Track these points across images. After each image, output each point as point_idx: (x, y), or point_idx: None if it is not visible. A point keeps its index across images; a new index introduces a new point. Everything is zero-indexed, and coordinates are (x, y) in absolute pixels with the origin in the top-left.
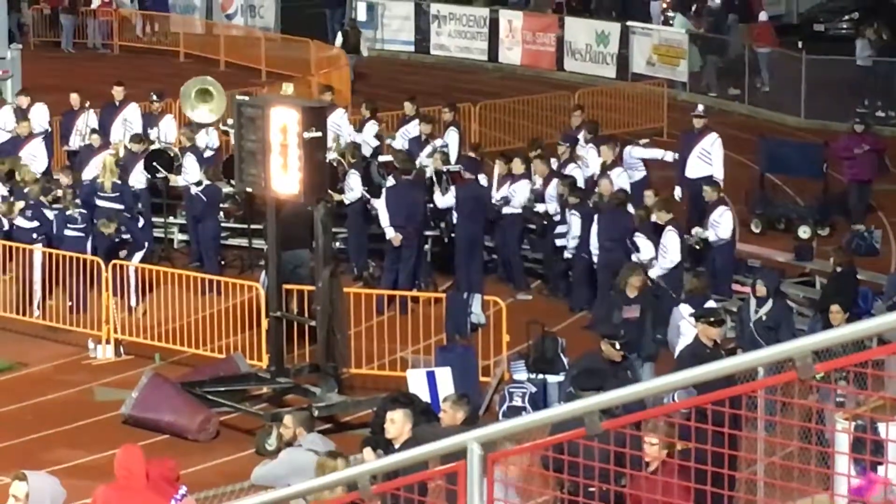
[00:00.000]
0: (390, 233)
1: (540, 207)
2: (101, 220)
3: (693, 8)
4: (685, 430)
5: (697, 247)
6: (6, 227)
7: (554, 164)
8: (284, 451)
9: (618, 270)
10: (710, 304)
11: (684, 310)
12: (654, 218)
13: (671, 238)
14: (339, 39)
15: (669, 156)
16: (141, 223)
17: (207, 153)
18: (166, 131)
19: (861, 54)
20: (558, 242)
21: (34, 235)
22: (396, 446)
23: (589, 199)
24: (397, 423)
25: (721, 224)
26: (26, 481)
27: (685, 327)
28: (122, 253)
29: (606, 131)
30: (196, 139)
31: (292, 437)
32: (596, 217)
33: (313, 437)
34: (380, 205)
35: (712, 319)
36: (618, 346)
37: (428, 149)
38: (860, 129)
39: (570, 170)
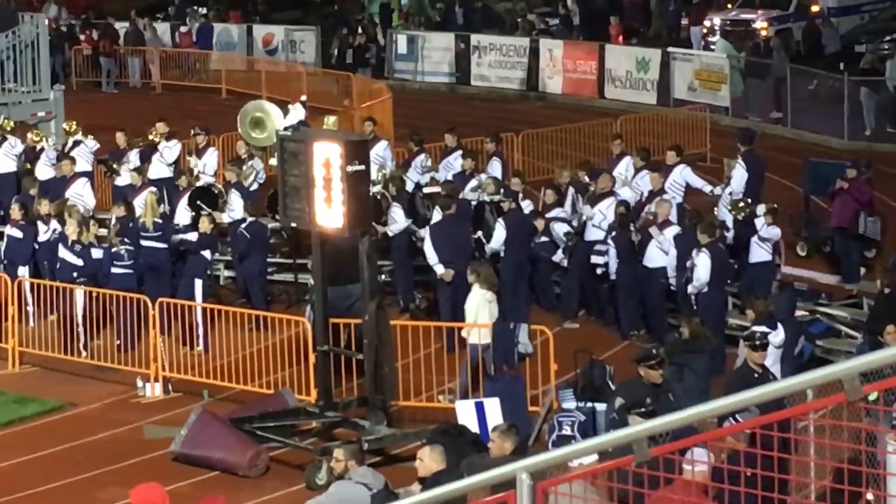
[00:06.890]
0: (440, 269)
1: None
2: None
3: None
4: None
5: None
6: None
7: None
8: (335, 484)
9: None
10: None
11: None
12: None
13: (703, 260)
14: None
15: (708, 188)
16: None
17: (255, 186)
18: (208, 163)
19: (891, 75)
20: (594, 259)
21: (74, 274)
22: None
23: (635, 224)
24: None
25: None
26: None
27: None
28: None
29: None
30: (244, 171)
31: (343, 469)
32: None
33: (364, 471)
34: (426, 243)
35: (756, 343)
36: (654, 366)
37: (472, 182)
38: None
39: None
